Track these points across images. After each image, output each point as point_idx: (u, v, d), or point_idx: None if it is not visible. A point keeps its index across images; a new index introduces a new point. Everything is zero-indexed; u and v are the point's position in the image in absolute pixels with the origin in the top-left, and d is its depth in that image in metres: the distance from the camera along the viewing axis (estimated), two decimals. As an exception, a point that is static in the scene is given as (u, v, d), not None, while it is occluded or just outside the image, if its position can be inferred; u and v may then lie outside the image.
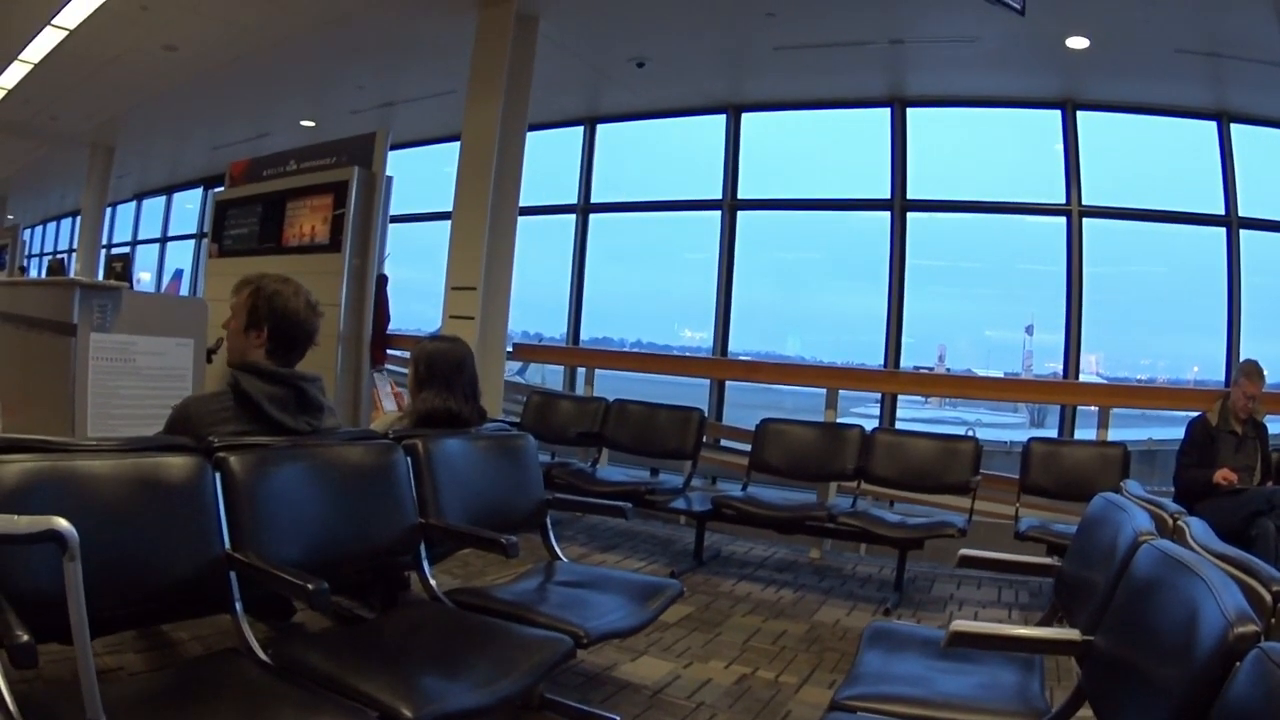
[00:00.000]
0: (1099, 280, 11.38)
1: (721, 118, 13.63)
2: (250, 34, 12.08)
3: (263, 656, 3.40)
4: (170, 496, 3.53)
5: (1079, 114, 11.48)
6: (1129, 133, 11.53)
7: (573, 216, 14.67)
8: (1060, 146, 11.53)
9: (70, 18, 11.81)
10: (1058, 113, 11.57)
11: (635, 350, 15.33)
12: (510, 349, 11.52)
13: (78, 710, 2.63)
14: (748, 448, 9.18)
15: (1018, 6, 8.37)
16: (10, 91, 15.52)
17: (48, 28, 12.25)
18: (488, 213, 10.30)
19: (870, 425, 9.18)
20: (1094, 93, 11.28)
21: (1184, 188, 11.17)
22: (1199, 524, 3.56)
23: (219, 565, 3.57)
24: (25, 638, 2.49)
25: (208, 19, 11.62)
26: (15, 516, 2.66)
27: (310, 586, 3.30)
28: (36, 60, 13.69)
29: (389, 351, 11.36)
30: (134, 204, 26.00)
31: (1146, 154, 11.75)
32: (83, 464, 3.37)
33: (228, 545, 3.61)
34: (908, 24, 10.26)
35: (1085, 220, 11.37)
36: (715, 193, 13.56)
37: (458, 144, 10.85)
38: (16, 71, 14.40)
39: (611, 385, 10.90)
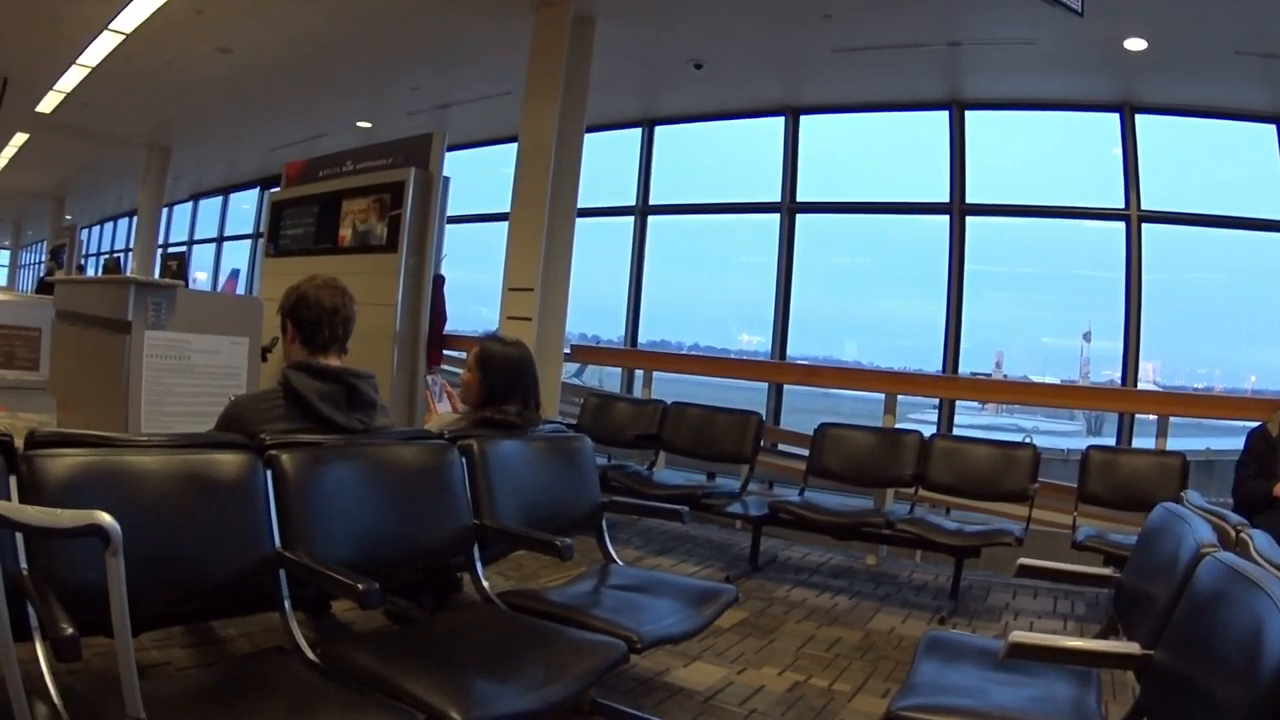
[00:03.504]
0: (1158, 287, 11.26)
1: (780, 120, 13.57)
2: (305, 36, 12.15)
3: (311, 656, 3.37)
4: (221, 494, 3.52)
5: (1138, 117, 11.36)
6: (1188, 136, 11.41)
7: (631, 219, 14.67)
8: (1119, 150, 11.41)
9: (127, 22, 11.95)
10: (1116, 116, 11.46)
11: (694, 353, 15.31)
12: (568, 351, 11.50)
13: (120, 705, 2.60)
14: (805, 452, 9.10)
15: (1076, 7, 8.28)
16: (68, 95, 15.68)
17: (105, 32, 12.37)
18: (545, 214, 10.30)
19: (928, 431, 9.07)
20: (1153, 95, 11.16)
21: (1244, 192, 11.03)
22: (1263, 536, 3.45)
23: (269, 563, 3.55)
24: (69, 630, 2.47)
25: (263, 22, 11.69)
26: (59, 510, 2.64)
27: (361, 587, 3.26)
28: (94, 64, 13.82)
29: (445, 352, 11.36)
30: (190, 204, 26.25)
31: (1206, 158, 11.62)
32: (133, 459, 3.38)
33: (278, 543, 3.59)
34: (965, 26, 10.20)
35: (1144, 225, 11.25)
36: (774, 195, 13.52)
37: (514, 145, 10.86)
38: (74, 75, 14.55)
39: (669, 389, 10.83)
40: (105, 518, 2.56)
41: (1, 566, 2.59)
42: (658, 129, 14.78)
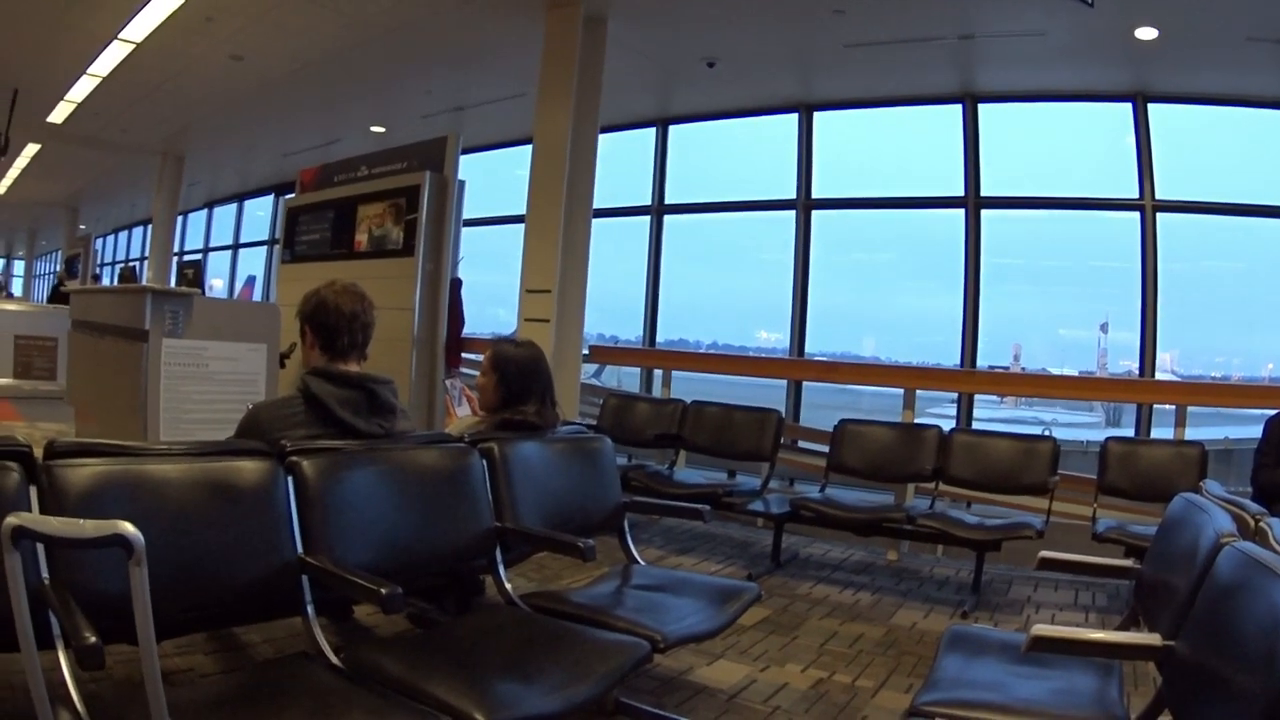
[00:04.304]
0: (1173, 276, 11.23)
1: (794, 117, 13.56)
2: (317, 41, 12.15)
3: (334, 660, 3.38)
4: (242, 500, 3.52)
5: (1150, 106, 11.33)
6: (1201, 124, 11.39)
7: (647, 218, 14.69)
8: (1132, 140, 11.38)
9: (137, 31, 11.96)
10: (1129, 105, 11.43)
11: (712, 352, 15.31)
12: (586, 351, 11.50)
13: (144, 712, 2.59)
14: (825, 449, 9.09)
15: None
16: (80, 105, 15.71)
17: (115, 42, 12.38)
18: (561, 215, 10.31)
19: (948, 425, 9.05)
20: (1165, 84, 11.13)
21: (1259, 180, 10.99)
22: (1282, 526, 3.45)
23: (291, 569, 3.55)
24: (92, 639, 2.47)
25: (274, 28, 11.69)
26: (81, 521, 2.64)
27: (384, 591, 3.25)
28: (105, 74, 13.83)
29: (464, 355, 11.36)
30: (205, 212, 26.31)
31: (1220, 146, 11.59)
32: (153, 468, 3.37)
33: (300, 549, 3.59)
34: (977, 18, 10.17)
35: (1159, 215, 11.22)
36: (789, 192, 13.51)
37: (529, 147, 10.87)
38: (85, 85, 14.56)
39: (687, 387, 10.83)
40: (128, 527, 2.56)
41: (24, 577, 2.58)
42: (672, 128, 14.80)
